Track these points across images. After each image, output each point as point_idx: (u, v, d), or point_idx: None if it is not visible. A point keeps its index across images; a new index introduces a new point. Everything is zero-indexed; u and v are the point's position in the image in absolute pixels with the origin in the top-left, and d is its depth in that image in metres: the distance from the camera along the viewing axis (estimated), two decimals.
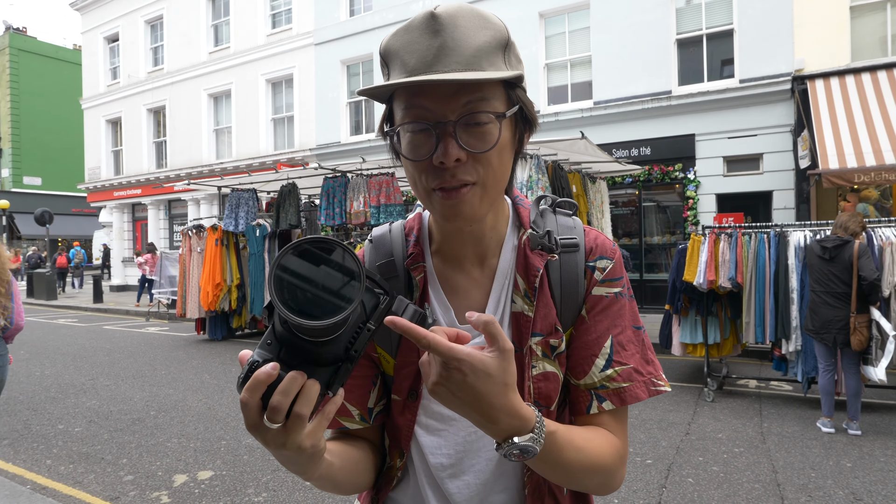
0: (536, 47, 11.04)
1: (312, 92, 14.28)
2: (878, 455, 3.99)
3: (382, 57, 0.71)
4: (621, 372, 0.77)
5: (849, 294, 4.38)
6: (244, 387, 0.52)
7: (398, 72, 0.67)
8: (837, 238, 4.47)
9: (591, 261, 0.80)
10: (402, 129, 0.69)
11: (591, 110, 10.24)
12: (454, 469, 0.79)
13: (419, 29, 0.66)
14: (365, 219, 7.75)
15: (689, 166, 9.39)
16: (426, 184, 0.69)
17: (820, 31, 8.55)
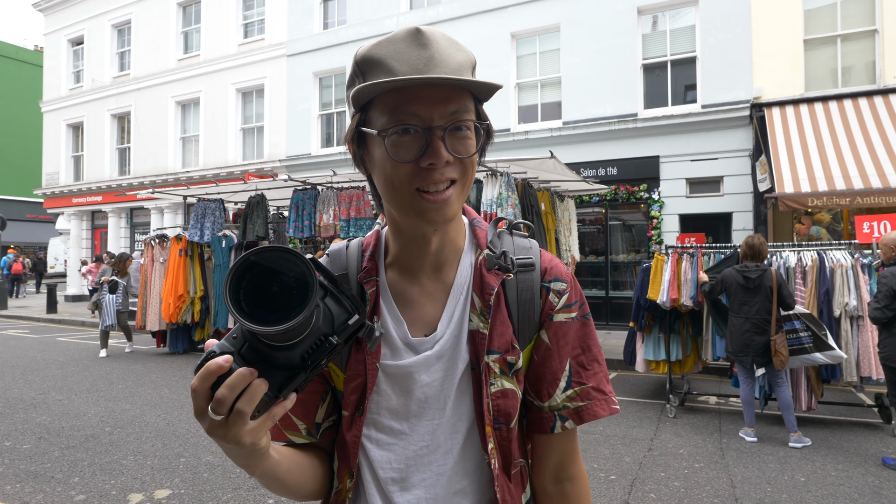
0: (508, 67, 11.26)
1: (283, 103, 14.18)
2: (829, 470, 4.15)
3: (359, 65, 0.71)
4: (580, 392, 0.81)
5: (768, 321, 4.61)
6: (196, 374, 0.54)
7: (383, 77, 0.68)
8: (758, 267, 4.68)
9: (546, 281, 0.83)
10: (391, 131, 0.69)
11: (561, 130, 10.48)
12: (404, 483, 0.79)
13: (405, 41, 0.69)
14: (335, 232, 7.70)
15: (654, 187, 9.68)
16: (410, 185, 0.70)
17: (776, 61, 8.99)
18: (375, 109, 0.71)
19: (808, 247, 5.46)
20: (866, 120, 8.09)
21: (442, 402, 0.79)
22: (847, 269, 5.04)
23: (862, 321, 4.98)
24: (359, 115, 0.73)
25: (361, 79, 0.71)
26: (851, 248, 5.30)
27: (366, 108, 0.72)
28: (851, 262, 5.07)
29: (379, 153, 0.71)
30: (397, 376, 0.78)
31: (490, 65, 11.33)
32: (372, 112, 0.71)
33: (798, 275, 5.22)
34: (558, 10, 10.78)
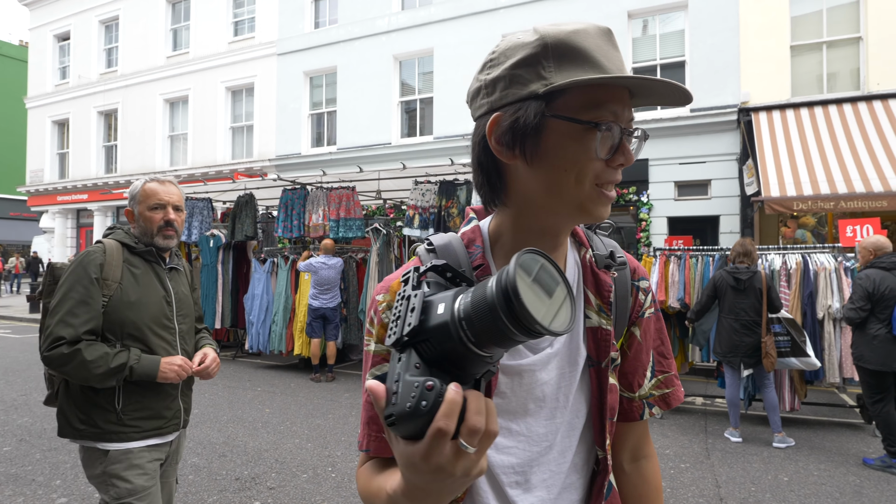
0: None
1: (273, 102, 14.12)
2: (811, 469, 4.22)
3: (551, 48, 0.67)
4: (664, 380, 0.90)
5: (758, 322, 4.69)
6: (437, 414, 0.47)
7: (588, 70, 0.67)
8: (748, 269, 4.76)
9: (635, 280, 0.89)
10: (604, 126, 0.68)
11: None
12: (526, 485, 0.77)
13: (603, 38, 0.69)
14: (324, 232, 7.69)
15: (643, 190, 9.76)
16: (595, 180, 0.70)
17: (764, 67, 9.11)
18: (571, 99, 0.68)
19: (792, 250, 5.54)
20: (850, 125, 8.23)
21: (560, 400, 0.79)
22: (830, 273, 5.13)
23: (844, 323, 5.07)
24: (542, 102, 0.68)
25: (552, 63, 0.67)
26: (835, 252, 5.39)
27: (551, 96, 0.68)
28: (835, 265, 5.16)
29: (571, 145, 0.68)
30: (517, 376, 0.76)
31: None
32: (563, 101, 0.68)
33: (783, 277, 5.30)
34: (550, 13, 10.84)
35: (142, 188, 2.03)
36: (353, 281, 7.84)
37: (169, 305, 2.04)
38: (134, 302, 1.92)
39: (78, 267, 1.87)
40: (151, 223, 2.00)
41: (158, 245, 2.02)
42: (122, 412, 1.88)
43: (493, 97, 0.72)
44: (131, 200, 2.04)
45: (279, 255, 8.19)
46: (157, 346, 1.96)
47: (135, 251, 1.99)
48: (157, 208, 2.01)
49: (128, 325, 1.90)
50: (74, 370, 1.78)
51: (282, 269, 7.93)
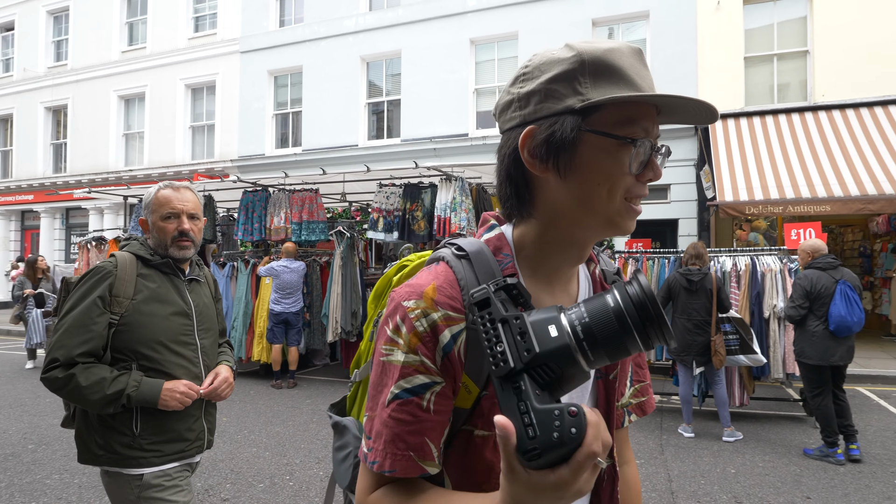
0: (467, 72, 11.51)
1: (236, 101, 13.98)
2: (757, 461, 4.50)
3: (587, 65, 0.70)
4: (640, 388, 0.95)
5: (709, 322, 5.00)
6: (587, 439, 0.49)
7: (623, 87, 0.70)
8: (699, 271, 5.07)
9: None
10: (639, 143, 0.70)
11: None
12: None
13: (634, 56, 0.73)
14: (286, 235, 7.69)
15: None
16: (625, 194, 0.72)
17: (720, 77, 9.58)
18: (606, 115, 0.70)
19: (741, 252, 5.88)
20: (798, 134, 8.74)
21: None
22: (776, 273, 5.47)
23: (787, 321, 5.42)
24: (578, 117, 0.70)
25: (588, 79, 0.70)
26: (781, 254, 5.75)
27: (587, 111, 0.70)
28: (780, 266, 5.51)
29: (606, 159, 0.71)
30: None
31: (449, 70, 11.56)
32: (598, 117, 0.70)
33: (733, 278, 5.62)
34: (516, 18, 11.12)
35: (155, 196, 1.91)
36: (316, 285, 7.86)
37: (189, 319, 1.92)
38: (148, 318, 1.80)
39: (83, 284, 1.77)
40: (165, 234, 1.88)
41: (174, 256, 1.91)
42: (140, 436, 1.77)
43: (526, 110, 0.74)
44: (145, 209, 1.93)
45: (239, 259, 8.14)
46: (174, 365, 1.83)
47: (151, 264, 1.88)
48: (170, 217, 1.89)
49: (142, 344, 1.78)
50: (70, 395, 1.69)
51: (242, 274, 7.88)
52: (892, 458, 4.55)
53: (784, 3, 9.64)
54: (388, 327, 0.73)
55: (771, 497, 3.88)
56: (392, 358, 0.71)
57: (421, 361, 0.70)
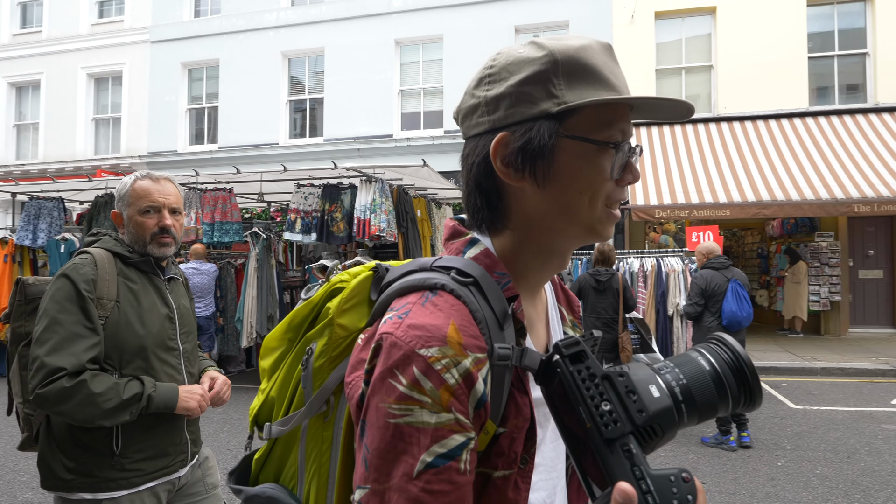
0: (392, 73, 11.51)
1: (146, 93, 13.23)
2: (658, 451, 4.79)
3: (561, 64, 0.66)
4: None
5: (616, 320, 5.31)
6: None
7: (599, 88, 0.66)
8: (607, 272, 5.38)
9: None
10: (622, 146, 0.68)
11: (442, 138, 10.92)
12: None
13: (606, 53, 0.69)
14: (196, 236, 7.37)
15: None
16: (605, 200, 0.69)
17: (634, 87, 10.08)
18: (583, 119, 0.67)
19: (648, 254, 6.27)
20: (703, 143, 9.43)
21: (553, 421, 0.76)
22: (679, 274, 5.87)
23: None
24: (555, 121, 0.66)
25: (562, 80, 0.66)
26: (683, 255, 6.17)
27: (562, 115, 0.66)
28: (682, 267, 5.91)
29: (586, 166, 0.67)
30: (542, 406, 0.69)
31: (373, 70, 11.51)
32: (575, 121, 0.67)
33: (640, 279, 5.97)
34: (441, 21, 11.26)
35: (131, 187, 1.74)
36: (230, 288, 7.58)
37: (172, 323, 1.78)
38: (135, 322, 1.65)
39: (65, 283, 1.58)
40: (143, 229, 1.73)
41: (153, 254, 1.76)
42: (121, 455, 1.62)
43: (495, 115, 0.69)
44: (119, 201, 1.76)
45: None
46: (160, 373, 1.69)
47: (129, 261, 1.72)
48: (149, 211, 1.74)
49: (129, 351, 1.62)
50: (77, 408, 1.50)
51: None
52: (778, 442, 4.99)
53: (691, 20, 10.37)
54: (398, 382, 0.59)
55: None
56: (413, 420, 0.58)
57: (455, 419, 0.58)
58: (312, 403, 0.75)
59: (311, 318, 0.79)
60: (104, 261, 1.66)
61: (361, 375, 0.64)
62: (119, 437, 1.62)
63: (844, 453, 4.69)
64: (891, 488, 4.01)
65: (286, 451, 0.81)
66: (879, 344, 9.12)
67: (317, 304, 0.79)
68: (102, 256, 1.67)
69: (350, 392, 0.66)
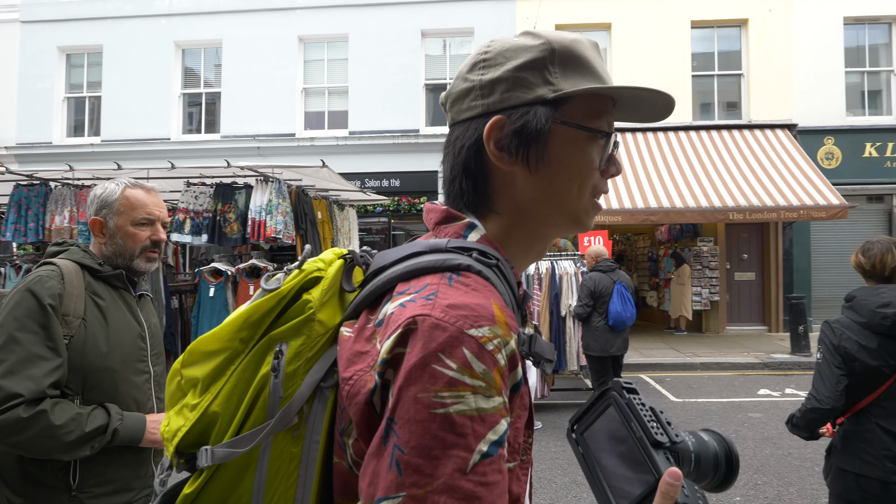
0: (295, 70, 11.23)
1: (14, 78, 11.97)
2: (550, 446, 5.03)
3: (558, 54, 0.68)
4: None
5: None
6: None
7: (591, 80, 0.68)
8: None
9: None
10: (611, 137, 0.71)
11: (347, 139, 10.80)
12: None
13: (595, 50, 0.72)
14: (70, 236, 6.77)
15: (434, 199, 10.55)
16: (592, 190, 0.71)
17: None
18: (575, 108, 0.68)
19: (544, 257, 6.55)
20: None
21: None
22: (571, 276, 6.18)
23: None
24: (550, 107, 0.67)
25: (557, 69, 0.68)
26: (576, 258, 6.52)
27: (557, 102, 0.68)
28: (574, 269, 6.23)
29: (577, 153, 0.69)
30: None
31: (275, 66, 11.17)
32: (569, 109, 0.68)
33: (535, 281, 6.23)
34: (346, 20, 11.15)
35: (122, 195, 1.62)
36: None
37: (143, 343, 1.65)
38: (102, 342, 1.51)
39: (27, 297, 1.42)
40: (135, 241, 1.63)
41: (137, 268, 1.66)
42: (79, 489, 1.45)
43: (490, 99, 0.69)
44: (104, 209, 1.63)
45: (8, 265, 6.96)
46: (127, 399, 1.54)
47: (99, 275, 1.59)
48: (144, 224, 1.65)
49: (94, 374, 1.47)
50: (33, 440, 1.35)
51: (10, 281, 6.75)
52: None
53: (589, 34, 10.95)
54: (444, 367, 0.53)
55: (558, 478, 4.37)
56: (465, 407, 0.53)
57: (504, 403, 0.56)
58: (283, 415, 0.63)
59: (277, 312, 0.67)
60: (71, 274, 1.51)
61: (365, 369, 0.58)
62: (76, 469, 1.46)
63: None
64: (752, 470, 4.47)
65: (234, 480, 0.65)
66: (751, 340, 10.12)
67: (286, 296, 0.67)
68: (70, 268, 1.52)
69: (352, 389, 0.59)
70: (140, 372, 1.62)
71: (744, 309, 11.16)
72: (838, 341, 2.18)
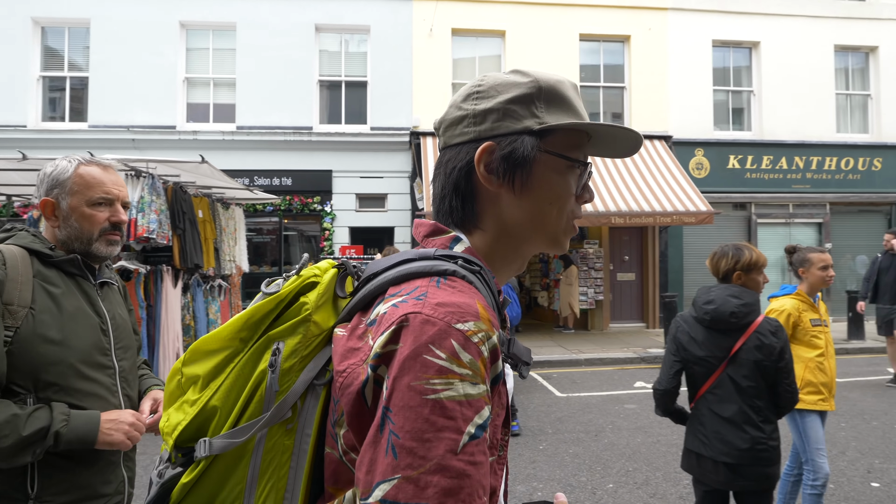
0: (176, 58, 10.52)
1: None
2: None
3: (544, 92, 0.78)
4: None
5: None
6: None
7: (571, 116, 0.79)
8: None
9: None
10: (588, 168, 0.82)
11: (234, 134, 10.29)
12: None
13: (575, 91, 0.81)
14: None
15: (327, 200, 10.38)
16: (570, 214, 0.80)
17: (431, 97, 10.75)
18: (557, 139, 0.78)
19: None
20: None
21: None
22: None
23: None
24: (535, 137, 0.77)
25: (542, 104, 0.77)
26: None
27: (541, 133, 0.77)
28: None
29: (557, 179, 0.78)
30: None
31: (154, 52, 10.39)
32: (552, 140, 0.78)
33: None
34: (234, 8, 10.63)
35: (76, 173, 1.49)
36: None
37: (105, 336, 1.51)
38: (54, 333, 1.37)
39: None
40: (93, 223, 1.50)
41: (97, 253, 1.52)
42: (38, 499, 1.34)
43: (482, 126, 0.78)
44: (55, 188, 1.49)
45: None
46: (87, 396, 1.41)
47: (50, 261, 1.45)
48: (101, 204, 1.52)
49: (45, 370, 1.34)
50: None
51: None
52: (542, 428, 5.66)
53: (484, 40, 11.34)
54: (434, 357, 0.60)
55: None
56: (454, 393, 0.59)
57: (487, 391, 0.63)
58: (278, 409, 0.70)
59: (276, 313, 0.75)
60: (16, 259, 1.40)
61: (357, 363, 0.64)
62: (35, 475, 1.35)
63: (593, 432, 5.51)
64: (624, 458, 4.81)
65: (228, 470, 0.71)
66: (631, 336, 10.94)
67: (285, 298, 0.75)
68: (14, 254, 1.41)
69: (345, 381, 0.65)
70: (102, 367, 1.50)
71: (625, 307, 12.03)
72: (675, 332, 2.52)
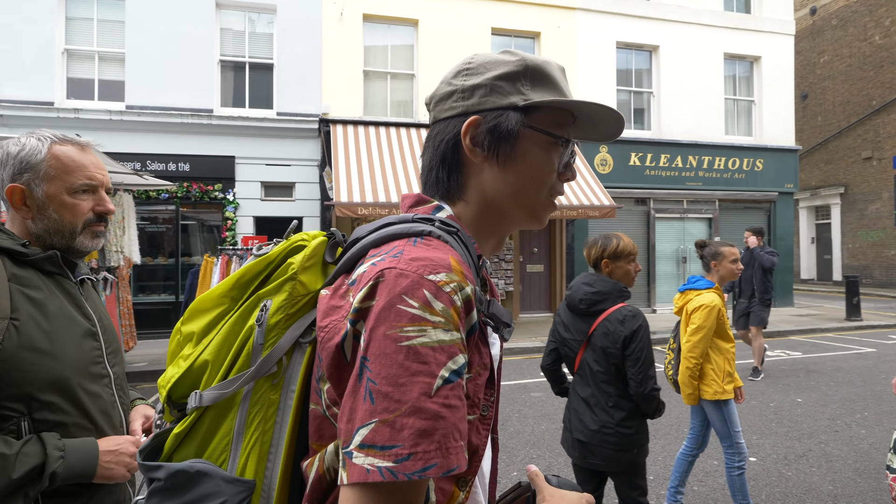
0: (53, 26, 9.57)
1: None
2: None
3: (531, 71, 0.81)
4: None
5: None
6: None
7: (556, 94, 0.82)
8: None
9: None
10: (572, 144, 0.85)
11: (123, 114, 9.54)
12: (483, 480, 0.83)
13: (561, 72, 0.85)
14: None
15: (230, 187, 9.90)
16: (550, 190, 0.84)
17: (341, 84, 10.53)
18: (541, 117, 0.81)
19: None
20: (405, 146, 10.34)
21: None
22: None
23: None
24: (520, 113, 0.80)
25: (528, 82, 0.81)
26: None
27: (526, 110, 0.81)
28: None
29: (539, 154, 0.81)
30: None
31: (26, 18, 9.40)
32: (536, 117, 0.81)
33: None
34: None
35: (50, 154, 1.27)
36: None
37: (96, 341, 1.32)
38: (44, 345, 1.18)
39: None
40: (76, 214, 1.30)
41: (81, 248, 1.32)
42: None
43: (470, 101, 0.81)
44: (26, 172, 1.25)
45: None
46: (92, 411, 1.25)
47: (26, 260, 1.22)
48: (84, 192, 1.32)
49: (39, 388, 1.15)
50: None
51: None
52: None
53: (397, 29, 11.25)
54: (408, 306, 0.63)
55: None
56: (427, 339, 0.62)
57: (461, 339, 0.66)
58: (264, 362, 0.74)
59: (265, 274, 0.79)
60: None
61: (339, 319, 0.68)
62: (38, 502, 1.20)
63: (500, 421, 5.65)
64: (529, 446, 4.98)
65: (217, 422, 0.75)
66: (540, 325, 11.34)
67: (273, 260, 0.79)
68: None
69: (327, 335, 0.68)
70: (98, 376, 1.31)
71: (534, 298, 12.46)
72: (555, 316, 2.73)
